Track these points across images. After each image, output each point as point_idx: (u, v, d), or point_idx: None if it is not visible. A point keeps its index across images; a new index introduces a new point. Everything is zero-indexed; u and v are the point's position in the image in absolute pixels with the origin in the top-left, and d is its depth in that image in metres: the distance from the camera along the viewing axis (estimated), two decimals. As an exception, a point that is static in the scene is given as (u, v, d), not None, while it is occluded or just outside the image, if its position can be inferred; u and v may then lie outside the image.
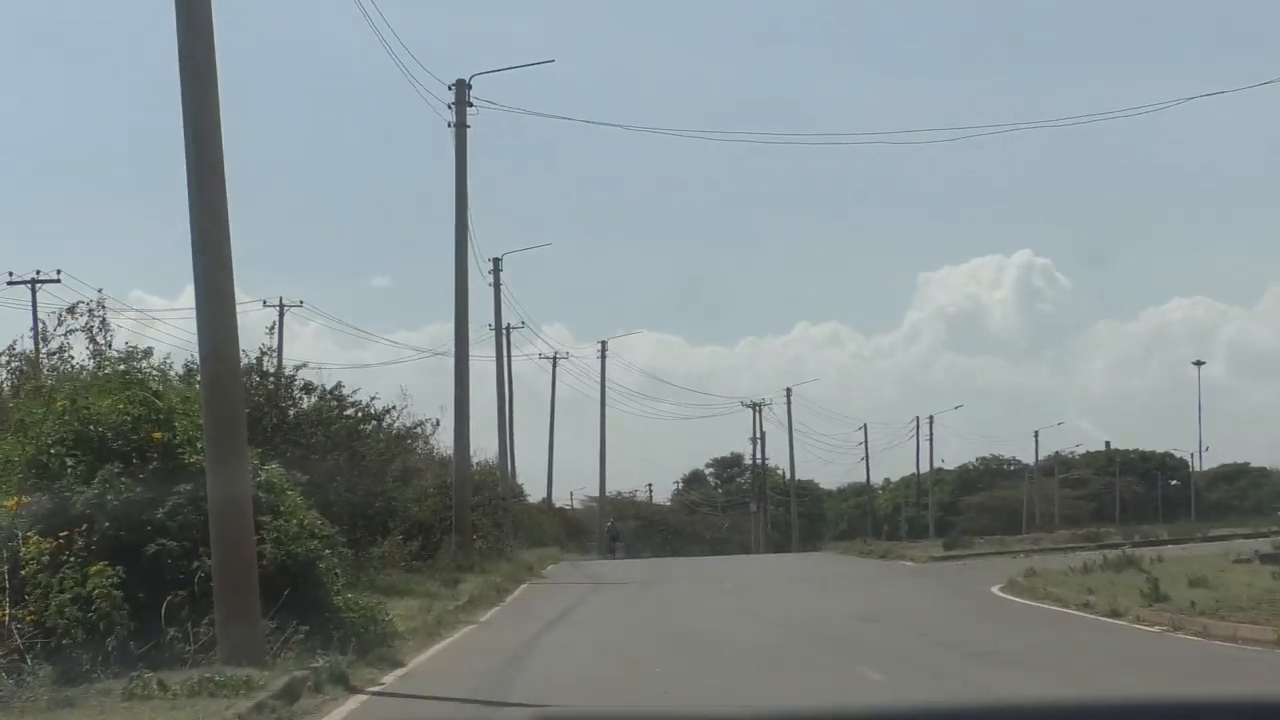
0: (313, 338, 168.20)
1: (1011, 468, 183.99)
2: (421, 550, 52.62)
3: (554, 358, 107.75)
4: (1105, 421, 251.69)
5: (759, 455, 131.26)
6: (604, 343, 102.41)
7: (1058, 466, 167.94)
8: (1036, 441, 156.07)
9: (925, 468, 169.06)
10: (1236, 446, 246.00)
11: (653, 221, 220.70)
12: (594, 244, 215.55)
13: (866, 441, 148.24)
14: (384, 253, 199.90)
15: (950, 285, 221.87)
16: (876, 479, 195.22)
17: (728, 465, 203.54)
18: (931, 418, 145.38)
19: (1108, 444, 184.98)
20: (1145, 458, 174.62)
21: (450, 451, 60.56)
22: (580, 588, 52.08)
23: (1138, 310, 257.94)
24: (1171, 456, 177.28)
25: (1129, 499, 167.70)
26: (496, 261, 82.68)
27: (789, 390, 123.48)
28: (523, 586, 52.85)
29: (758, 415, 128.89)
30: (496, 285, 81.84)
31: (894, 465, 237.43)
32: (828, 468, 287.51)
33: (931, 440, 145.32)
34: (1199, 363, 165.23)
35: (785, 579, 56.50)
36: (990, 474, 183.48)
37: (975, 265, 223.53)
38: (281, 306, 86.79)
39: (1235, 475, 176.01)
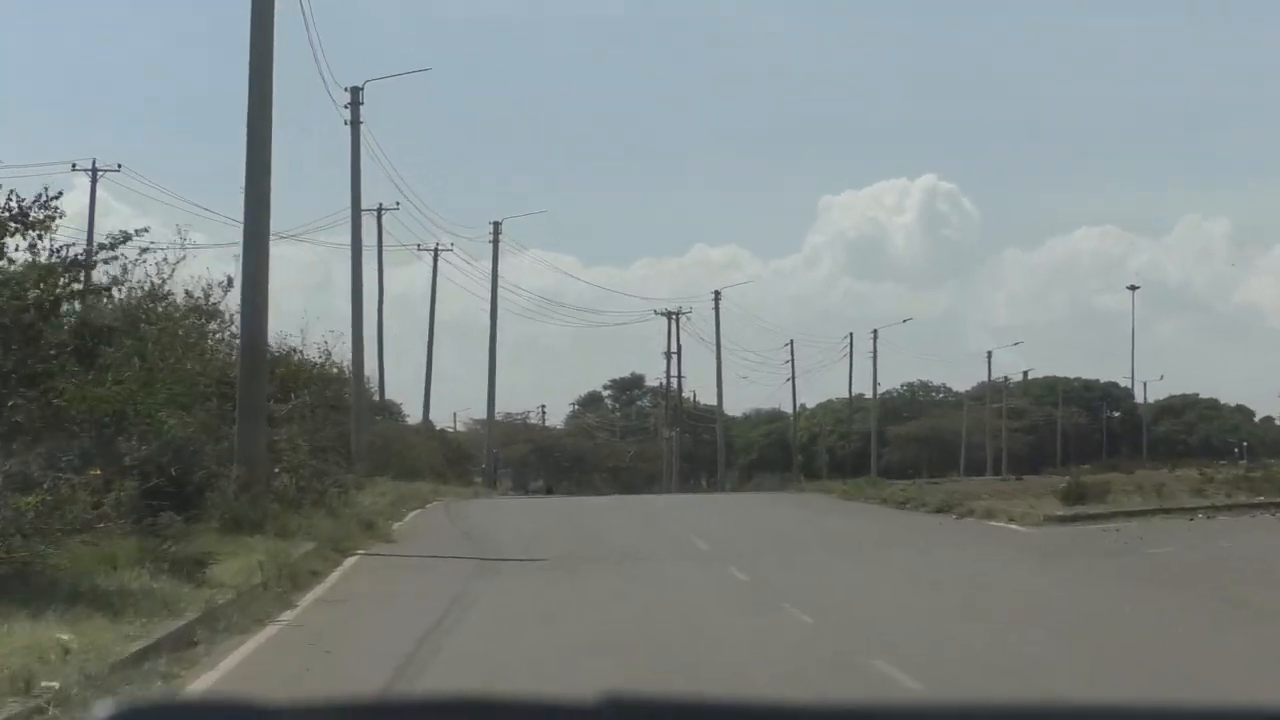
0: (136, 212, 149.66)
1: (940, 395, 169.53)
2: (173, 494, 29.18)
3: (435, 249, 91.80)
4: (1013, 352, 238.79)
5: (675, 372, 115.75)
6: (497, 224, 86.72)
7: (991, 395, 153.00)
8: (990, 363, 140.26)
9: (858, 392, 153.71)
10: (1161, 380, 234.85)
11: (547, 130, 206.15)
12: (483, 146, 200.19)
13: (793, 360, 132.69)
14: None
15: (853, 209, 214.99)
16: (782, 407, 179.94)
17: (628, 387, 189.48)
18: (876, 332, 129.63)
19: (1025, 374, 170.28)
20: (1088, 387, 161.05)
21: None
22: (449, 571, 30.70)
23: (1044, 239, 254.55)
24: (1116, 386, 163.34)
25: (1071, 431, 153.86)
26: (355, 92, 64.12)
27: (717, 294, 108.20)
28: (340, 569, 30.92)
29: (674, 325, 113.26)
30: (355, 124, 64.14)
31: (806, 393, 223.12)
32: (733, 393, 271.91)
33: (875, 358, 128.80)
34: (1133, 287, 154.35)
35: (812, 546, 39.04)
36: (918, 403, 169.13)
37: (879, 189, 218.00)
38: (95, 171, 70.43)
39: (1182, 408, 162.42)
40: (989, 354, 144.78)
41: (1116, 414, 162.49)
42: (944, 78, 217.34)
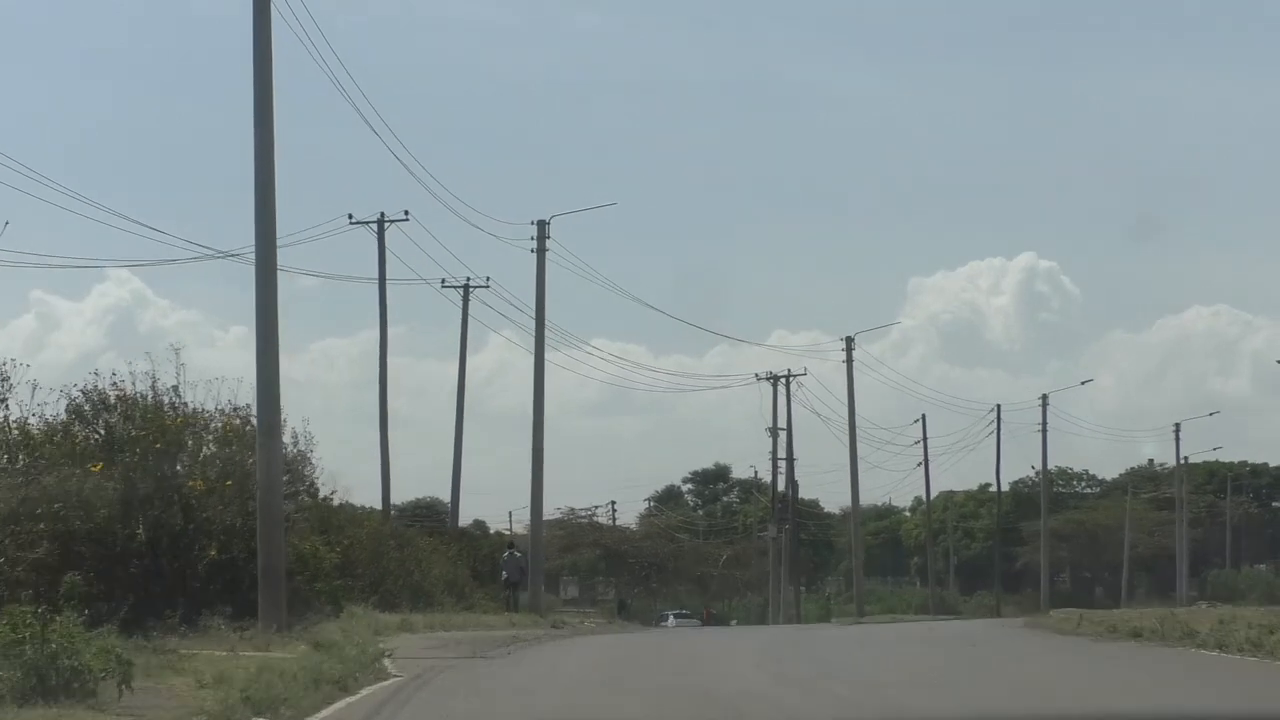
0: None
1: (1082, 485, 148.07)
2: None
3: (466, 285, 72.40)
4: (1127, 440, 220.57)
5: (782, 454, 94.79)
6: (542, 223, 65.14)
7: (1139, 483, 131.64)
8: (1178, 438, 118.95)
9: (983, 482, 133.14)
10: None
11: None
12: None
13: (925, 437, 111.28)
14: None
15: (945, 291, 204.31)
16: (871, 500, 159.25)
17: (711, 480, 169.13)
18: (1045, 397, 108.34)
19: (1185, 459, 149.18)
20: (1256, 473, 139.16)
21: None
22: None
23: (1152, 320, 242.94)
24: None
25: (1242, 524, 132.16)
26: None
27: (849, 341, 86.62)
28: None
29: (782, 393, 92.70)
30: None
31: (908, 488, 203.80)
32: (826, 487, 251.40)
33: (1045, 431, 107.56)
34: None
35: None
36: (1056, 495, 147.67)
37: (972, 269, 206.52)
38: None
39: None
40: (1176, 427, 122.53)
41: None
42: (1041, 143, 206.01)
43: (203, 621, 32.76)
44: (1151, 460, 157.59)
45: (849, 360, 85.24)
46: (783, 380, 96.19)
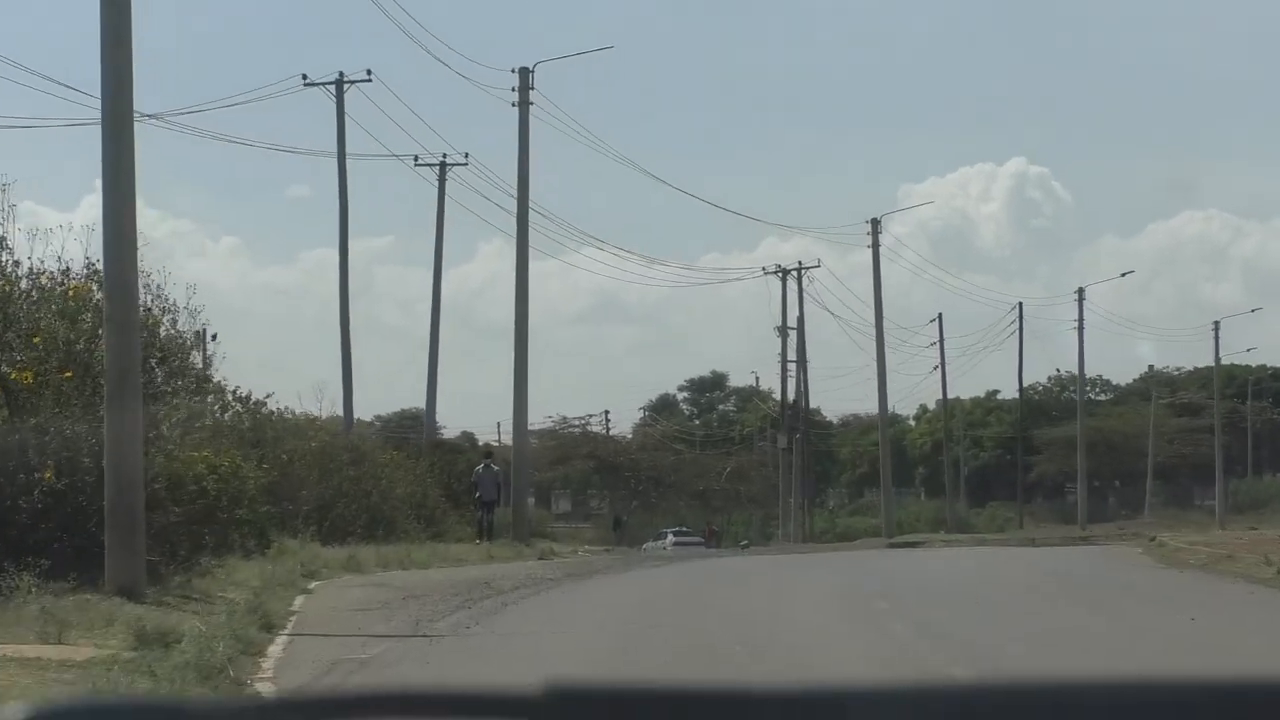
0: None
1: (1096, 392, 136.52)
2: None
3: (442, 163, 61.27)
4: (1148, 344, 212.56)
5: (792, 355, 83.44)
6: (524, 70, 53.33)
7: (1153, 389, 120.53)
8: (1217, 338, 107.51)
9: (991, 388, 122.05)
10: None
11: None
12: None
13: (942, 338, 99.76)
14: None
15: (935, 197, 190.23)
16: (898, 409, 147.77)
17: (707, 388, 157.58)
18: (1081, 291, 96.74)
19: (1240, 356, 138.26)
20: (1277, 376, 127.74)
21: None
22: None
23: (1143, 224, 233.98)
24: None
25: (1264, 431, 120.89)
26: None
27: (875, 224, 74.07)
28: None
29: (793, 287, 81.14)
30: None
31: (911, 396, 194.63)
32: (825, 395, 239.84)
33: (1081, 327, 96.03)
34: None
35: None
36: (1068, 401, 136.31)
37: (963, 175, 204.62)
38: None
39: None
40: (1215, 325, 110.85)
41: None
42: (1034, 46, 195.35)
43: (8, 581, 21.15)
44: (1151, 366, 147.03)
45: (875, 245, 73.68)
46: (793, 274, 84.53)
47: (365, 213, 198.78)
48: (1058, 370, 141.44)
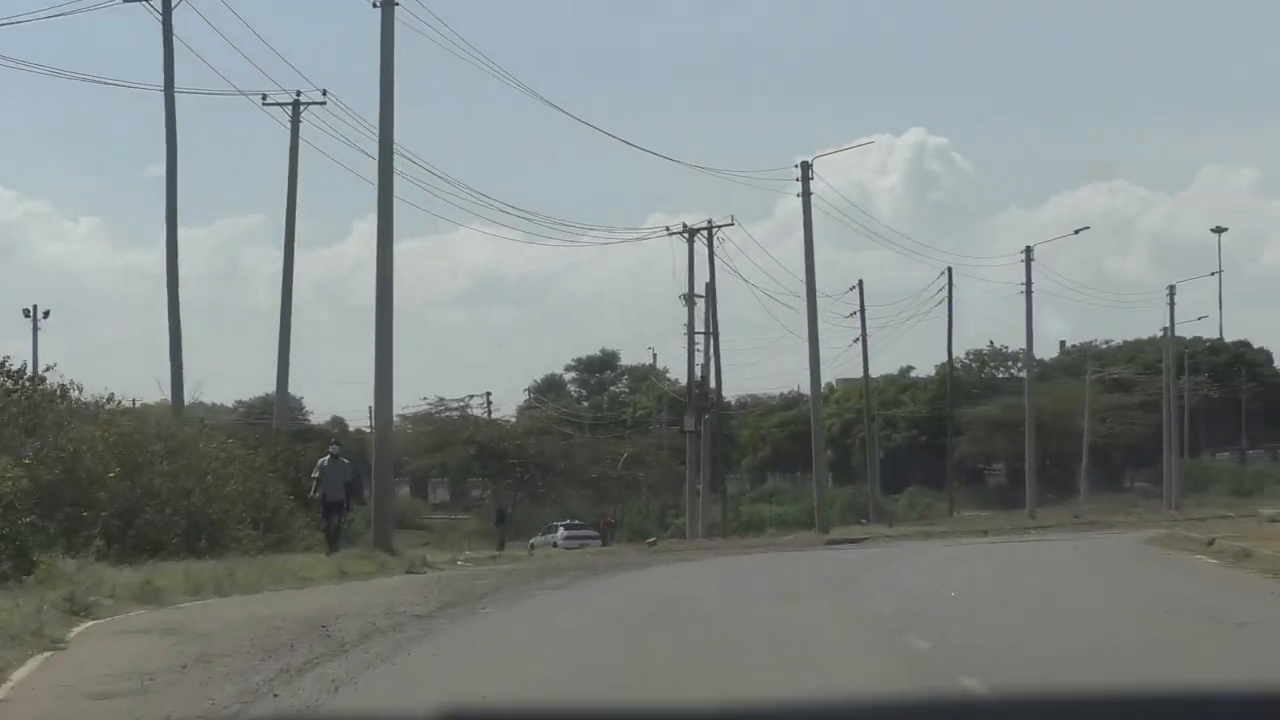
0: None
1: (1019, 368, 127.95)
2: None
3: (296, 102, 51.27)
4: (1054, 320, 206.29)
5: (706, 325, 74.13)
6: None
7: (1090, 362, 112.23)
8: (1172, 303, 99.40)
9: (906, 364, 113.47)
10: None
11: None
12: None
13: (863, 306, 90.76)
14: None
15: (831, 169, 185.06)
16: (776, 388, 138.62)
17: (596, 368, 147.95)
18: (1029, 249, 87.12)
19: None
20: (1215, 349, 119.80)
21: None
22: None
23: (1046, 196, 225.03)
24: (1248, 348, 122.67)
25: (1200, 408, 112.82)
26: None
27: (805, 168, 63.74)
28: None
29: (702, 249, 71.86)
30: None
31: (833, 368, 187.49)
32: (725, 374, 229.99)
33: (1029, 291, 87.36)
34: (1220, 229, 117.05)
35: None
36: (990, 381, 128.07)
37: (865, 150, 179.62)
38: None
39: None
40: (1170, 290, 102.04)
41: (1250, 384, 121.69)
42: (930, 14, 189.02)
43: None
44: (1063, 342, 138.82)
45: (805, 193, 63.69)
46: (701, 235, 74.82)
47: (234, 191, 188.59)
48: (991, 343, 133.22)
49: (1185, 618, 20.15)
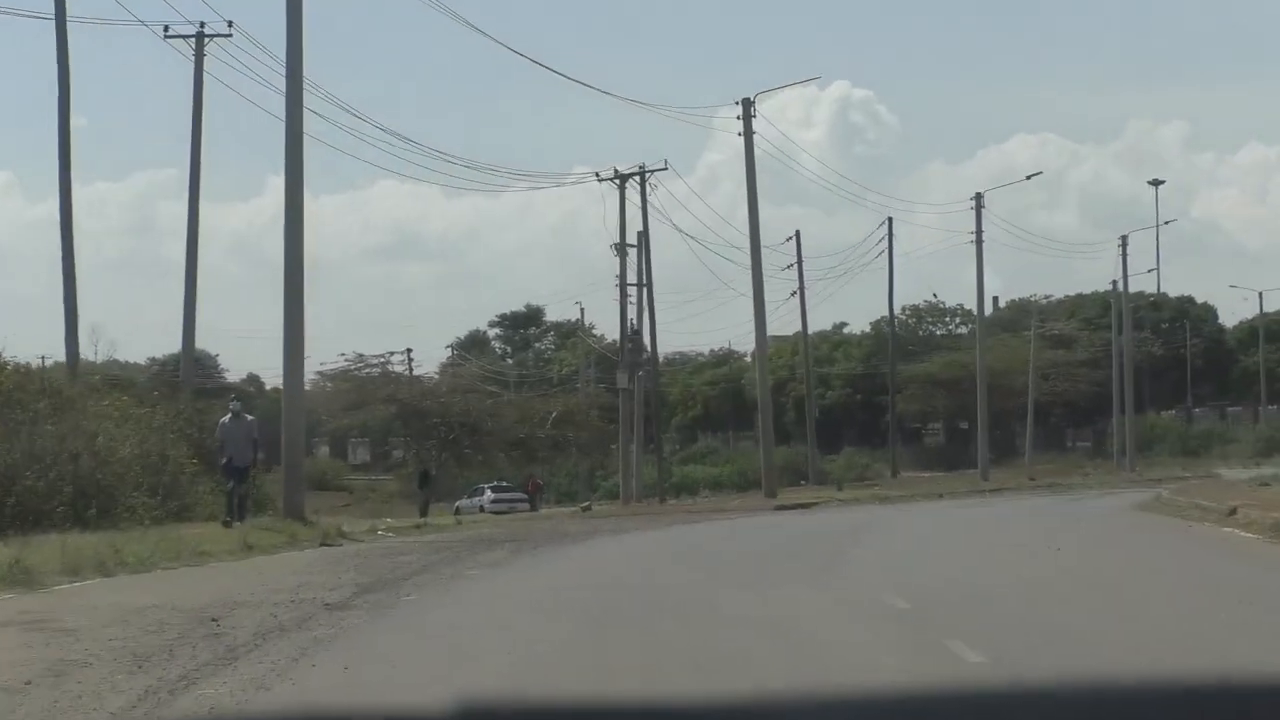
0: None
1: (957, 322, 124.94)
2: None
3: (199, 34, 47.00)
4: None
5: (641, 277, 70.55)
6: None
7: (1036, 318, 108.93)
8: (1124, 253, 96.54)
9: (819, 327, 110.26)
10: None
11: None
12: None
13: (800, 259, 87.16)
14: None
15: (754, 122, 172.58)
16: (733, 345, 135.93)
17: (520, 323, 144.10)
18: (979, 196, 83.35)
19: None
20: (1157, 305, 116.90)
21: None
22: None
23: (973, 150, 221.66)
24: (1192, 303, 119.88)
25: (1144, 365, 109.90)
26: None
27: (747, 105, 59.20)
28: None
29: (635, 193, 68.17)
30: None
31: (747, 328, 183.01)
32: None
33: (980, 240, 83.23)
34: (1157, 181, 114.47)
35: None
36: (928, 337, 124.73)
37: (783, 99, 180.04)
38: None
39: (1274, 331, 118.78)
40: (1122, 240, 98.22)
41: (1194, 340, 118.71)
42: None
43: None
44: (996, 298, 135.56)
45: (747, 131, 59.37)
46: (634, 180, 70.80)
47: (150, 142, 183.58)
48: (935, 295, 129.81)
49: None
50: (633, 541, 34.36)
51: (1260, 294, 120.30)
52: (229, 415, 34.89)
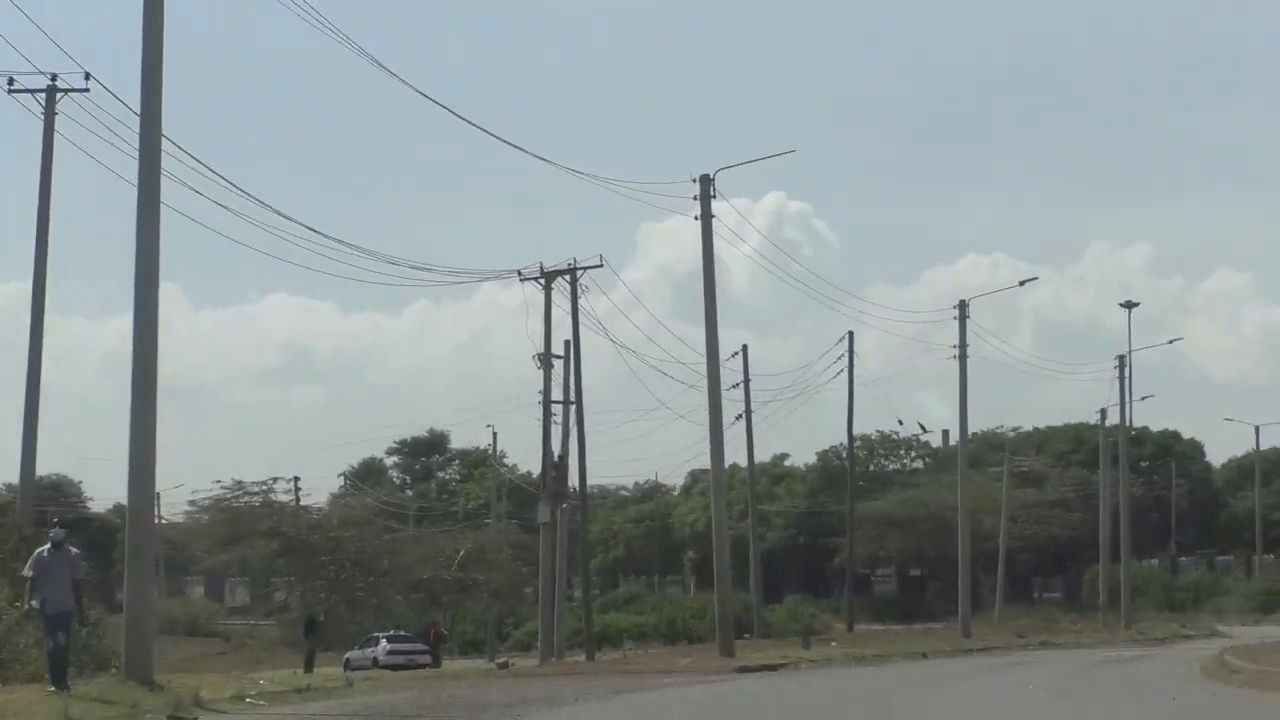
0: None
1: (913, 457, 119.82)
2: None
3: (51, 88, 40.71)
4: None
5: (569, 394, 64.97)
6: None
7: (1008, 450, 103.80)
8: (1123, 373, 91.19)
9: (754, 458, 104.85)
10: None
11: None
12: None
13: (747, 379, 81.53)
14: None
15: (679, 237, 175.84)
16: (660, 476, 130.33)
17: (422, 450, 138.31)
18: (963, 304, 77.58)
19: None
20: (1137, 440, 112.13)
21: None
22: None
23: (919, 271, 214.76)
24: (1178, 439, 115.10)
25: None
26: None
27: (706, 181, 53.05)
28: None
29: (568, 288, 62.68)
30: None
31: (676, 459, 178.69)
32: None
33: (963, 353, 77.41)
34: (1130, 304, 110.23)
35: None
36: (880, 473, 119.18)
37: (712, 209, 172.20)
38: None
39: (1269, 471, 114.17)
40: (1119, 361, 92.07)
41: (1179, 481, 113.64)
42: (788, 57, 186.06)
43: None
44: (946, 432, 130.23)
45: (705, 214, 53.35)
46: (564, 279, 64.84)
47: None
48: (900, 423, 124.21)
49: None
50: (581, 720, 28.18)
51: (1257, 428, 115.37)
52: (48, 546, 28.35)
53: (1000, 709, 29.37)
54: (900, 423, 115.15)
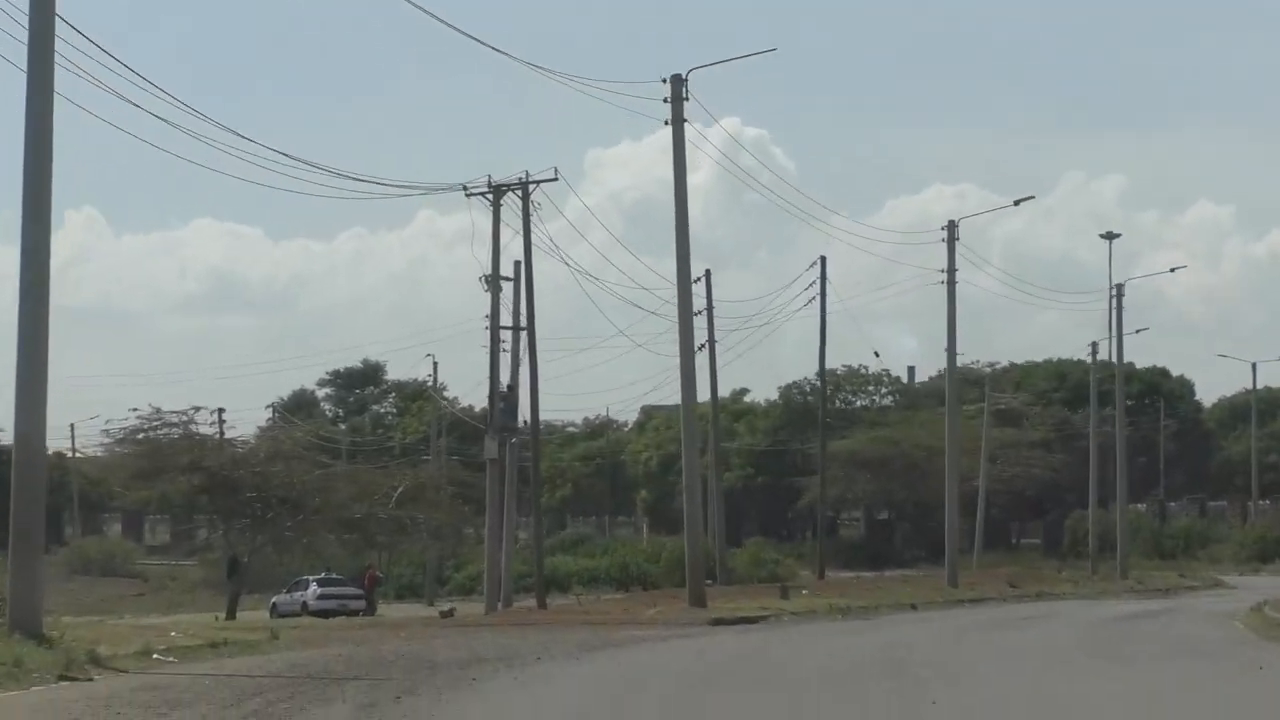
0: None
1: (884, 392, 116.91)
2: None
3: None
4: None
5: (522, 315, 61.78)
6: None
7: (988, 387, 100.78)
8: (1118, 304, 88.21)
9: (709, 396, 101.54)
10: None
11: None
12: None
13: (710, 305, 78.21)
14: None
15: (630, 164, 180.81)
16: (611, 412, 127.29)
17: (356, 382, 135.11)
18: (953, 224, 73.90)
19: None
20: (1125, 378, 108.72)
21: None
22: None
23: (882, 200, 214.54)
24: (1166, 376, 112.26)
25: (1108, 447, 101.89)
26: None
27: (678, 82, 49.23)
28: None
29: (519, 207, 59.20)
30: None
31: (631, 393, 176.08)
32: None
33: (952, 279, 73.79)
34: (1111, 235, 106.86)
35: None
36: (836, 410, 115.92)
37: (662, 138, 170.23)
38: None
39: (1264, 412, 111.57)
40: (1115, 290, 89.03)
41: (1167, 422, 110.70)
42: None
43: None
44: (912, 368, 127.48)
45: (677, 118, 49.80)
46: (514, 192, 61.34)
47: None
48: (876, 355, 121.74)
49: None
50: (547, 687, 24.91)
51: (1254, 365, 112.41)
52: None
53: (1056, 678, 26.17)
54: (876, 355, 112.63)
